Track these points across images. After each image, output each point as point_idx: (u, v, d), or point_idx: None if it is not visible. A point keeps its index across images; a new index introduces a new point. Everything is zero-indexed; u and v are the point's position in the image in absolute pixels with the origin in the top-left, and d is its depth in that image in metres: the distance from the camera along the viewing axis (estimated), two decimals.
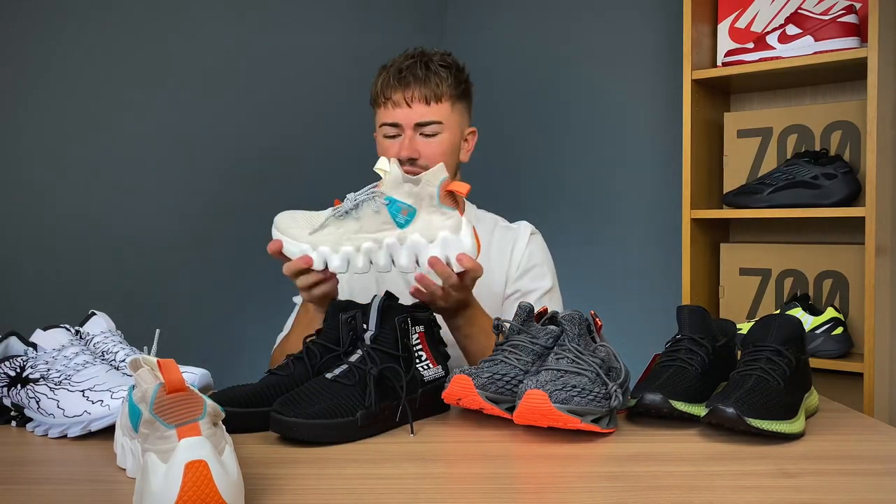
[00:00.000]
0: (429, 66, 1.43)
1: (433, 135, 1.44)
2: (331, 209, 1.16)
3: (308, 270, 1.16)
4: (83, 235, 1.95)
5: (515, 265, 1.51)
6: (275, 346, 1.45)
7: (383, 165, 1.12)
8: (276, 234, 1.17)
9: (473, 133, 1.53)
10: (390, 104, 1.43)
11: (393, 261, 1.13)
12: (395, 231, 1.11)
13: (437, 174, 1.11)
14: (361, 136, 1.61)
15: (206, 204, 2.20)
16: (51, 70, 1.90)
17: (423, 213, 1.11)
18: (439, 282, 1.16)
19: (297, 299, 1.50)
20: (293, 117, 2.40)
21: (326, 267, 1.14)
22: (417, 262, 1.12)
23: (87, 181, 1.96)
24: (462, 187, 1.11)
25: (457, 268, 1.12)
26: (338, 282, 1.24)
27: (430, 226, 1.11)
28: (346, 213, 1.13)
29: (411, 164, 1.43)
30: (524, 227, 1.56)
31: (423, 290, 1.16)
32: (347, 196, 1.13)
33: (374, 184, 1.13)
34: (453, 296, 1.18)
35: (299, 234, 1.14)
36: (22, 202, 1.86)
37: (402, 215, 1.11)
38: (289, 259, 1.16)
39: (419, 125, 1.42)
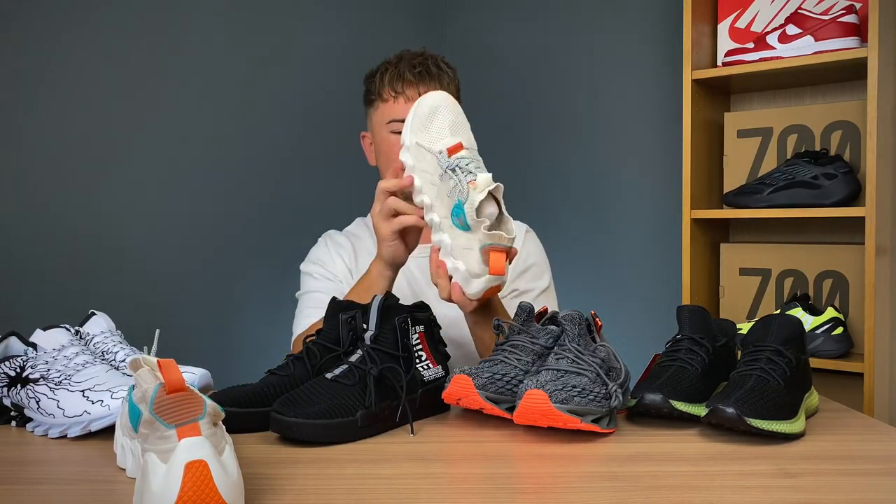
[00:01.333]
0: (439, 66, 1.43)
1: None
2: (447, 146, 1.11)
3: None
4: (83, 235, 1.95)
5: (512, 265, 1.50)
6: (297, 333, 1.41)
7: (484, 181, 1.06)
8: (410, 113, 1.13)
9: None
10: (402, 98, 1.40)
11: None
12: (447, 219, 1.09)
13: (509, 234, 1.07)
14: (359, 135, 1.61)
15: (206, 204, 2.20)
16: (51, 70, 1.90)
17: (470, 239, 1.08)
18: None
19: (300, 295, 1.49)
20: (292, 117, 2.40)
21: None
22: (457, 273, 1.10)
23: (87, 181, 1.96)
24: (497, 266, 1.07)
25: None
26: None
27: (465, 255, 1.09)
28: (440, 165, 1.10)
29: None
30: (518, 228, 1.55)
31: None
32: (458, 154, 1.09)
33: (471, 178, 1.07)
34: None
35: (419, 135, 1.12)
36: (22, 202, 1.86)
37: (458, 222, 1.08)
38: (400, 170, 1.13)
39: None
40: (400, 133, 1.41)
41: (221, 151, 2.23)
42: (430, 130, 1.13)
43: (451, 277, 1.12)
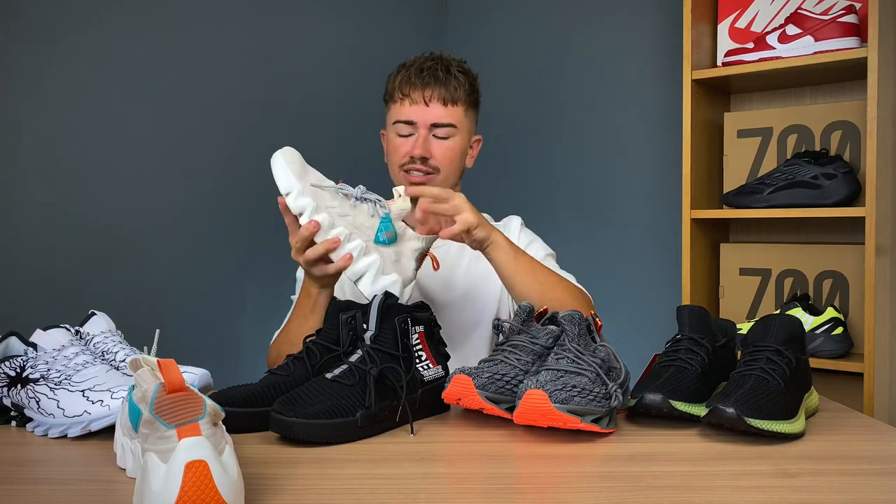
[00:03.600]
0: (449, 70, 1.44)
1: (446, 137, 1.44)
2: (335, 183, 1.19)
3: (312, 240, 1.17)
4: (83, 235, 1.95)
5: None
6: (272, 340, 1.44)
7: (401, 191, 1.20)
8: (279, 159, 1.15)
9: (479, 141, 1.55)
10: (408, 101, 1.43)
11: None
12: (368, 240, 1.16)
13: (431, 240, 1.22)
14: (362, 135, 1.61)
15: (206, 204, 2.20)
16: (50, 69, 1.90)
17: (395, 249, 1.18)
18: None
19: (293, 298, 1.50)
20: (293, 117, 2.40)
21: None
22: (356, 281, 1.17)
23: (87, 181, 1.96)
24: (438, 262, 1.28)
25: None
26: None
27: (391, 262, 1.17)
28: (349, 196, 1.18)
29: (423, 163, 1.43)
30: (511, 219, 1.58)
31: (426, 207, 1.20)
32: (360, 186, 1.19)
33: (382, 200, 1.19)
34: (458, 200, 1.21)
35: (301, 176, 1.15)
36: (22, 202, 1.86)
37: (385, 236, 1.16)
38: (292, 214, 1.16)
39: (434, 126, 1.43)
40: (404, 135, 1.44)
41: (222, 151, 2.23)
42: (310, 171, 1.18)
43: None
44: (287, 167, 1.14)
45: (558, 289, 1.28)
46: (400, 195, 1.20)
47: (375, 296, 1.06)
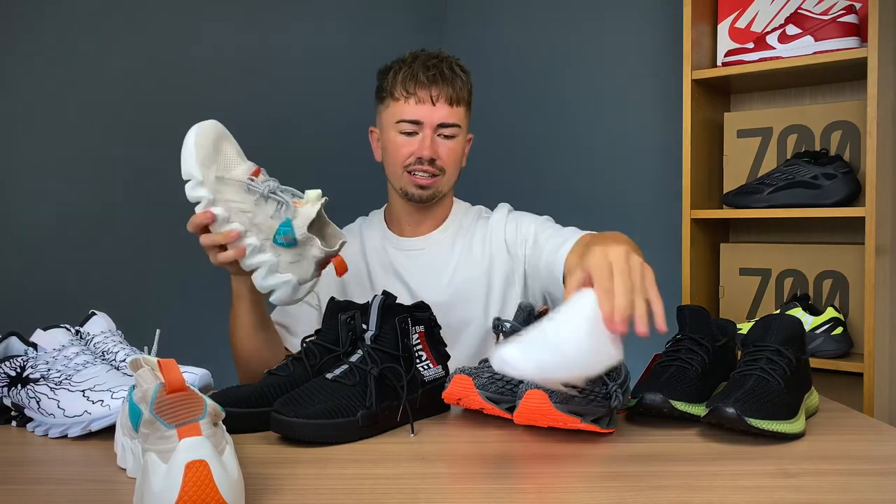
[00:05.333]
0: (453, 69, 1.42)
1: (451, 137, 1.43)
2: (249, 172, 1.12)
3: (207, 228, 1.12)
4: (83, 235, 1.95)
5: (518, 240, 1.48)
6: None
7: (312, 197, 1.12)
8: (191, 142, 1.08)
9: (470, 139, 1.54)
10: (413, 100, 1.40)
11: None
12: (268, 240, 1.11)
13: (330, 252, 1.14)
14: (360, 134, 1.61)
15: None
16: (53, 67, 1.90)
17: (293, 253, 1.12)
18: None
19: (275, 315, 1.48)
20: (292, 116, 2.40)
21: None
22: (252, 276, 1.13)
23: (87, 181, 1.96)
24: (341, 269, 1.15)
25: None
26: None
27: (286, 265, 1.12)
28: (254, 192, 1.10)
29: (431, 165, 1.42)
30: (499, 209, 1.55)
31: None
32: (270, 182, 1.11)
33: (294, 197, 1.12)
34: None
35: (206, 162, 1.08)
36: (22, 202, 1.86)
37: (283, 239, 1.11)
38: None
39: (441, 126, 1.41)
40: (408, 133, 1.41)
41: None
42: (220, 160, 1.11)
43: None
44: (194, 151, 1.07)
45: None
46: (314, 200, 1.12)
47: (375, 296, 1.06)
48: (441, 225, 1.53)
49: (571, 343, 0.80)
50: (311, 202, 1.12)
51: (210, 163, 1.09)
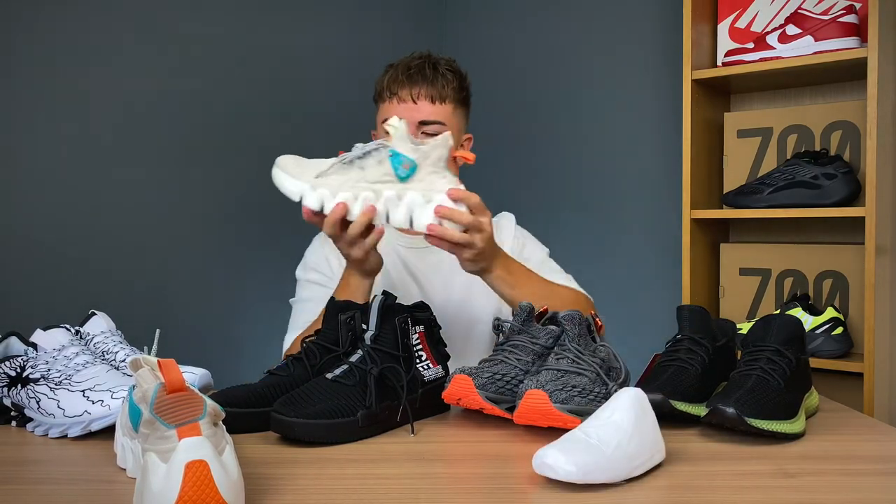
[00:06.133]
0: (436, 68, 1.44)
1: (434, 135, 1.44)
2: (336, 158, 1.14)
3: (347, 223, 1.13)
4: (83, 235, 1.95)
5: (521, 259, 1.49)
6: (286, 347, 1.42)
7: (394, 122, 1.14)
8: (276, 171, 1.12)
9: (469, 139, 1.55)
10: (396, 100, 1.43)
11: (388, 217, 1.13)
12: (395, 185, 1.12)
13: (447, 139, 1.14)
14: (360, 134, 1.61)
15: (206, 204, 2.20)
16: (49, 69, 1.90)
17: (423, 172, 1.13)
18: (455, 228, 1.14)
19: (293, 302, 1.49)
20: (293, 116, 2.40)
21: (321, 211, 1.12)
22: (412, 223, 1.13)
23: (87, 181, 1.96)
24: (470, 156, 1.19)
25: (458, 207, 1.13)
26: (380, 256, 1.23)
27: (429, 186, 1.13)
28: (351, 161, 1.12)
29: None
30: (503, 217, 1.57)
31: (439, 237, 1.14)
32: (356, 145, 1.14)
33: (382, 142, 1.14)
34: (477, 243, 1.16)
35: (301, 175, 1.12)
36: (22, 202, 1.86)
37: (404, 168, 1.11)
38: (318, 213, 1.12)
39: (423, 123, 1.43)
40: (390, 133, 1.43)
41: (222, 151, 2.23)
42: (308, 167, 1.13)
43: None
44: (285, 175, 1.12)
45: (556, 300, 1.28)
46: (395, 126, 1.13)
47: (375, 296, 1.06)
48: None
49: (614, 445, 0.80)
50: (398, 129, 1.13)
51: (301, 173, 1.12)
